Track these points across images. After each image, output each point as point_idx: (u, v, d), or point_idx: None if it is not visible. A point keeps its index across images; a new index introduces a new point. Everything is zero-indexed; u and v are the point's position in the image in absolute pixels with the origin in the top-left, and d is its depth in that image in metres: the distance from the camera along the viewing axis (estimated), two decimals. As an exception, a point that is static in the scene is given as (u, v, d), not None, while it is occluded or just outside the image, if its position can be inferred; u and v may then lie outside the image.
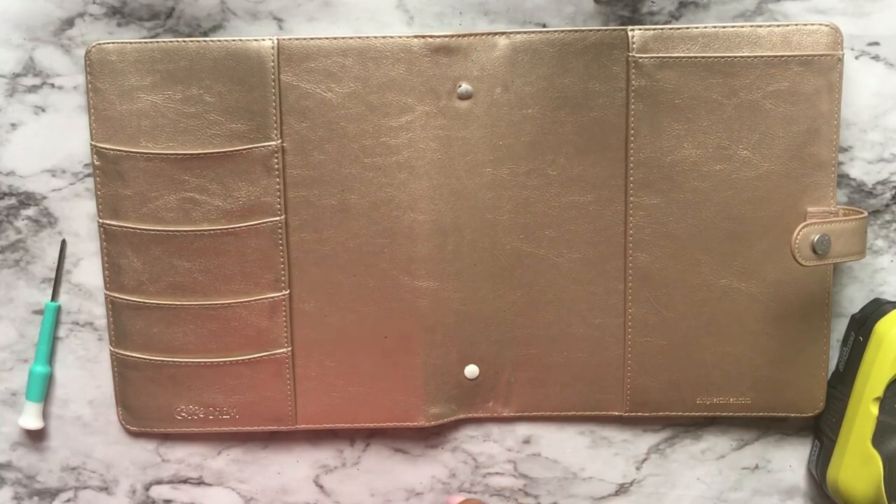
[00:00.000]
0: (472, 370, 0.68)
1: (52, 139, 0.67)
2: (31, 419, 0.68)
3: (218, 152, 0.65)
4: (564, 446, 0.70)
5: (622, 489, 0.70)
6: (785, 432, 0.70)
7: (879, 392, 0.63)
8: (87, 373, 0.69)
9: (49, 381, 0.69)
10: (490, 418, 0.70)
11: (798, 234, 0.59)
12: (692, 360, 0.67)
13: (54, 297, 0.68)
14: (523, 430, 0.70)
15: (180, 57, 0.64)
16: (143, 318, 0.67)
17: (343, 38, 0.64)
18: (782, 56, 0.63)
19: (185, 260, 0.66)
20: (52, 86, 0.66)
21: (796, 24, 0.63)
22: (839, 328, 0.68)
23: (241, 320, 0.66)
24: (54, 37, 0.66)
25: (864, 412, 0.63)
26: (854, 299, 0.68)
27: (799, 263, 0.59)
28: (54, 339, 0.69)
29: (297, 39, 0.64)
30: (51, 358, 0.69)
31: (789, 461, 0.70)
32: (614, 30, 0.64)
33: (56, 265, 0.68)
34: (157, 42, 0.64)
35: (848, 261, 0.61)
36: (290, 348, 0.67)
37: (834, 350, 0.68)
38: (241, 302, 0.66)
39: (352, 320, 0.66)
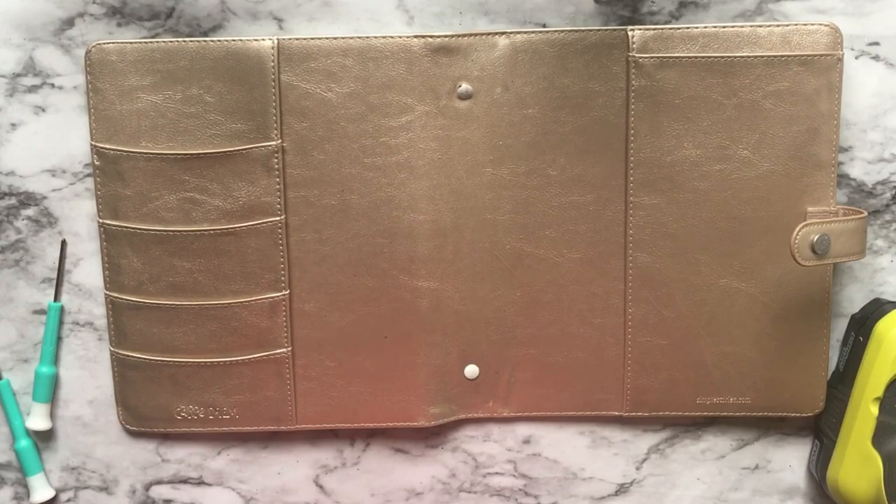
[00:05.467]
0: (472, 370, 0.68)
1: (52, 139, 0.67)
2: (39, 420, 0.68)
3: (218, 152, 0.65)
4: (564, 446, 0.70)
5: (622, 489, 0.70)
6: (785, 432, 0.70)
7: (879, 392, 0.63)
8: (87, 373, 0.69)
9: (55, 381, 0.69)
10: (490, 418, 0.70)
11: (797, 234, 0.59)
12: (692, 360, 0.67)
13: (56, 297, 0.68)
14: (523, 430, 0.70)
15: (180, 57, 0.64)
16: (143, 318, 0.67)
17: (343, 38, 0.64)
18: (782, 56, 0.63)
19: (185, 260, 0.66)
20: (52, 86, 0.66)
21: (796, 24, 0.63)
22: (839, 328, 0.68)
23: (241, 320, 0.66)
24: (54, 37, 0.66)
25: (864, 412, 0.63)
26: (854, 299, 0.68)
27: (799, 263, 0.59)
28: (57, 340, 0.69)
29: (297, 39, 0.64)
30: (56, 358, 0.69)
31: (789, 461, 0.70)
32: (614, 30, 0.64)
33: (57, 265, 0.68)
34: (157, 42, 0.64)
35: (848, 261, 0.61)
36: (290, 348, 0.67)
37: (834, 350, 0.68)
38: (241, 302, 0.66)
39: (352, 320, 0.66)
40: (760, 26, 0.63)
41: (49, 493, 0.69)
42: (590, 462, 0.70)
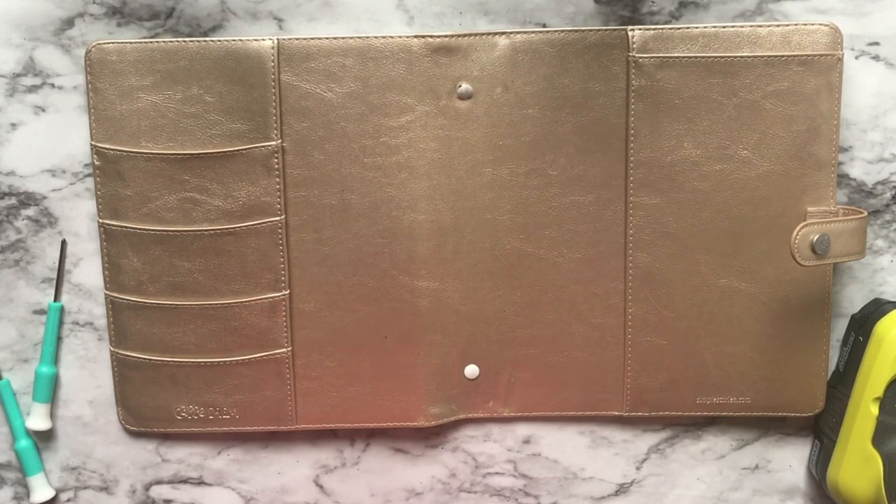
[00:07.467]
0: (472, 370, 0.68)
1: (52, 139, 0.67)
2: (39, 420, 0.68)
3: (218, 152, 0.65)
4: (564, 446, 0.70)
5: (622, 489, 0.70)
6: (785, 432, 0.70)
7: (879, 392, 0.63)
8: (87, 373, 0.69)
9: (55, 381, 0.69)
10: (490, 418, 0.70)
11: (797, 234, 0.59)
12: (692, 360, 0.67)
13: (56, 297, 0.68)
14: (523, 430, 0.70)
15: (180, 57, 0.64)
16: (143, 318, 0.67)
17: (343, 38, 0.64)
18: (782, 56, 0.63)
19: (185, 260, 0.66)
20: (52, 86, 0.66)
21: (796, 24, 0.63)
22: (839, 328, 0.68)
23: (241, 320, 0.66)
24: (54, 37, 0.66)
25: (864, 412, 0.63)
26: (854, 299, 0.68)
27: (798, 263, 0.59)
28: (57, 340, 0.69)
29: (297, 39, 0.64)
30: (56, 358, 0.69)
31: (789, 461, 0.70)
32: (614, 30, 0.64)
33: (57, 265, 0.68)
34: (157, 42, 0.64)
35: (848, 261, 0.61)
36: (290, 348, 0.67)
37: (834, 350, 0.68)
38: (241, 302, 0.66)
39: (352, 320, 0.66)
40: (760, 26, 0.63)
41: (49, 493, 0.69)
42: (590, 462, 0.70)
